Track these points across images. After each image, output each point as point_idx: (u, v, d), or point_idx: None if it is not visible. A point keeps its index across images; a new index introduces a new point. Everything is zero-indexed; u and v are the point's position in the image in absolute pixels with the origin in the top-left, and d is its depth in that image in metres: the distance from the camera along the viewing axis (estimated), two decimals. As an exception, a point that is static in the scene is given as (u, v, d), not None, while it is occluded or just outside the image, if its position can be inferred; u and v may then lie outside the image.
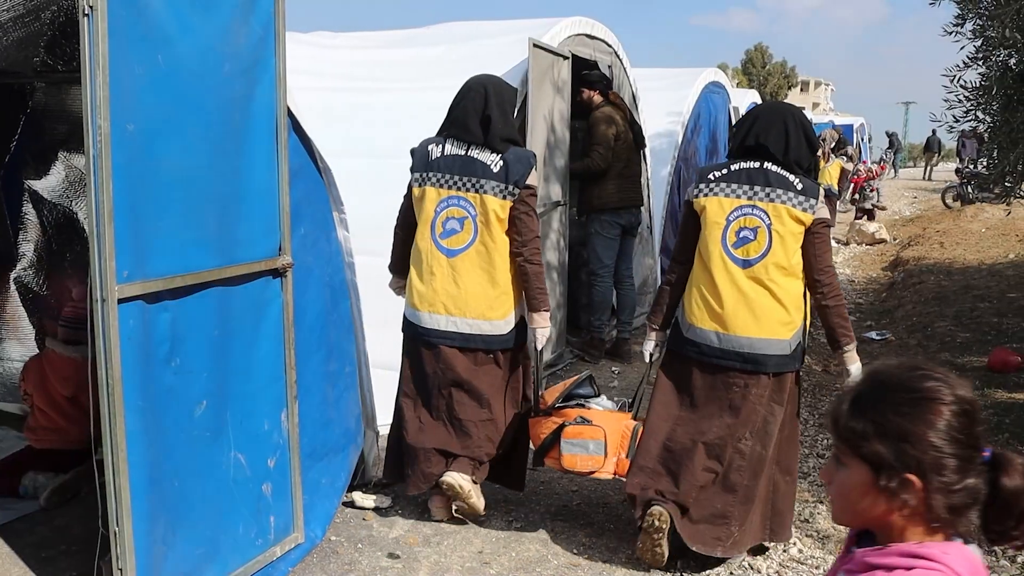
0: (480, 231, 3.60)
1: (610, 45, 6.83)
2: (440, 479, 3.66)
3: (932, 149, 30.17)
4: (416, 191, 3.70)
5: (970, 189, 15.83)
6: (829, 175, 12.76)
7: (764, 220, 3.29)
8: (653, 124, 7.99)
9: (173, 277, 2.63)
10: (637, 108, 7.33)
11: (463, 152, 3.63)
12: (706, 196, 3.38)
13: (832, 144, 13.49)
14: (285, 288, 3.15)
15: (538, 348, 3.78)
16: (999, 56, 5.37)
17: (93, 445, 2.84)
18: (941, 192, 17.96)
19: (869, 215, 15.83)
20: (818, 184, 3.41)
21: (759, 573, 3.48)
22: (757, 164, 3.35)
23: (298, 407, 3.26)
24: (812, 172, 3.42)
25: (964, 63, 5.47)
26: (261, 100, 2.93)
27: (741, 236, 3.31)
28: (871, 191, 16.28)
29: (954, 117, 5.62)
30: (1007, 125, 5.33)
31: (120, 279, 2.44)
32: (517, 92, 4.23)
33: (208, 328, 2.81)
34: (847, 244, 13.67)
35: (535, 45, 5.33)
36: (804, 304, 3.38)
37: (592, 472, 3.61)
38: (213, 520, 2.91)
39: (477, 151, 3.62)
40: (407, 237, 3.77)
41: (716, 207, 3.35)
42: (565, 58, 5.90)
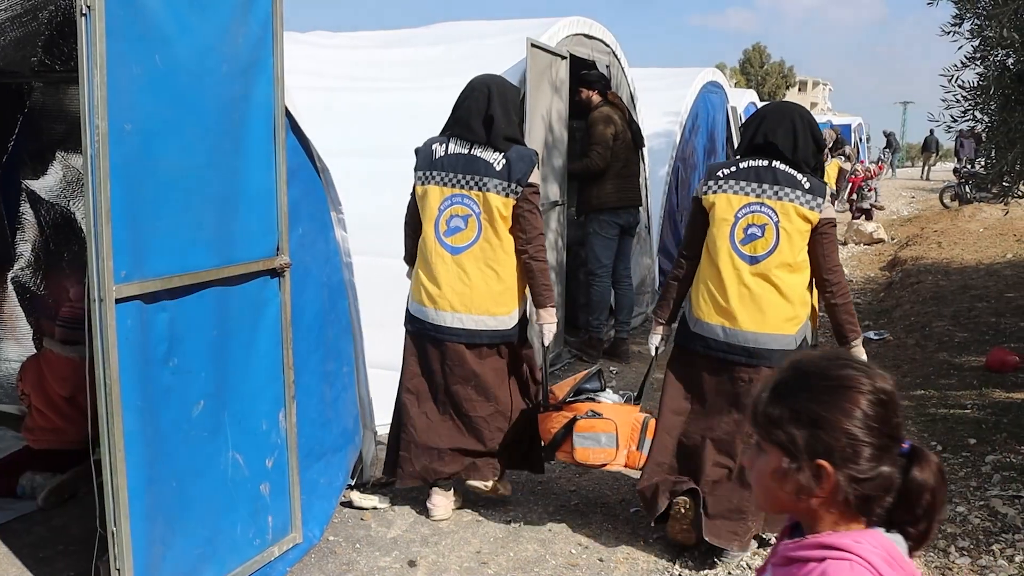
0: (484, 228, 3.64)
1: (608, 45, 6.83)
2: (469, 484, 3.84)
3: (930, 149, 30.23)
4: (419, 189, 3.73)
5: (968, 189, 15.88)
6: (827, 175, 12.77)
7: (772, 217, 3.32)
8: (651, 124, 7.98)
9: (171, 277, 2.63)
10: (635, 108, 7.34)
11: (466, 151, 3.66)
12: (715, 193, 3.41)
13: (830, 144, 13.51)
14: (283, 288, 3.15)
15: (545, 344, 3.82)
16: (997, 56, 5.37)
17: (91, 445, 2.84)
18: (939, 192, 17.98)
19: (867, 215, 15.84)
20: (825, 183, 3.44)
21: (758, 573, 3.48)
22: (766, 162, 3.37)
23: (296, 407, 3.26)
24: (818, 171, 3.45)
25: (962, 63, 5.47)
26: (259, 100, 2.93)
27: (749, 233, 3.35)
28: (869, 191, 16.27)
29: (952, 117, 5.63)
30: (1005, 125, 5.33)
31: (118, 279, 2.44)
32: (520, 92, 4.24)
33: (206, 328, 2.81)
34: (845, 244, 13.67)
35: (533, 45, 5.33)
36: (809, 299, 3.41)
37: (604, 465, 3.65)
38: (211, 520, 2.91)
39: (480, 150, 3.65)
40: (415, 234, 3.83)
41: (725, 204, 3.38)
42: (563, 58, 5.90)
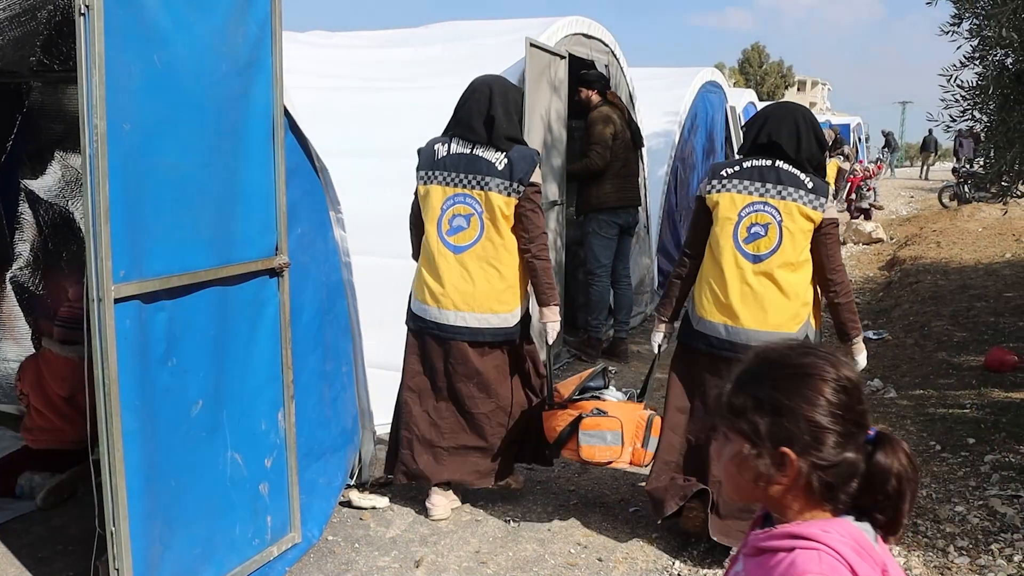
0: (486, 227, 3.66)
1: (607, 44, 6.83)
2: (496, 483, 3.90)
3: (929, 148, 30.25)
4: (421, 189, 3.75)
5: (967, 188, 15.89)
6: (826, 174, 12.78)
7: (775, 217, 3.34)
8: (650, 124, 7.99)
9: (169, 277, 2.63)
10: (634, 108, 7.33)
11: (468, 151, 3.68)
12: (719, 192, 3.43)
13: (829, 144, 13.52)
14: (282, 288, 3.15)
15: (549, 342, 3.84)
16: (996, 55, 5.37)
17: (90, 445, 2.83)
18: (938, 191, 17.98)
19: (866, 214, 15.85)
20: (827, 183, 3.45)
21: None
22: (769, 162, 3.39)
23: (295, 407, 3.26)
24: (821, 171, 3.47)
25: (961, 62, 5.47)
26: (258, 99, 2.93)
27: (752, 232, 3.37)
28: (868, 190, 16.29)
29: (951, 116, 5.63)
30: (1004, 124, 5.33)
31: (116, 279, 2.43)
32: (522, 92, 4.24)
33: (205, 328, 2.81)
34: (844, 244, 13.68)
35: (532, 45, 5.33)
36: (811, 298, 3.42)
37: (610, 462, 3.66)
38: (210, 520, 2.90)
39: (482, 150, 3.67)
40: (419, 233, 3.85)
41: (728, 203, 3.40)
42: (562, 57, 5.90)
